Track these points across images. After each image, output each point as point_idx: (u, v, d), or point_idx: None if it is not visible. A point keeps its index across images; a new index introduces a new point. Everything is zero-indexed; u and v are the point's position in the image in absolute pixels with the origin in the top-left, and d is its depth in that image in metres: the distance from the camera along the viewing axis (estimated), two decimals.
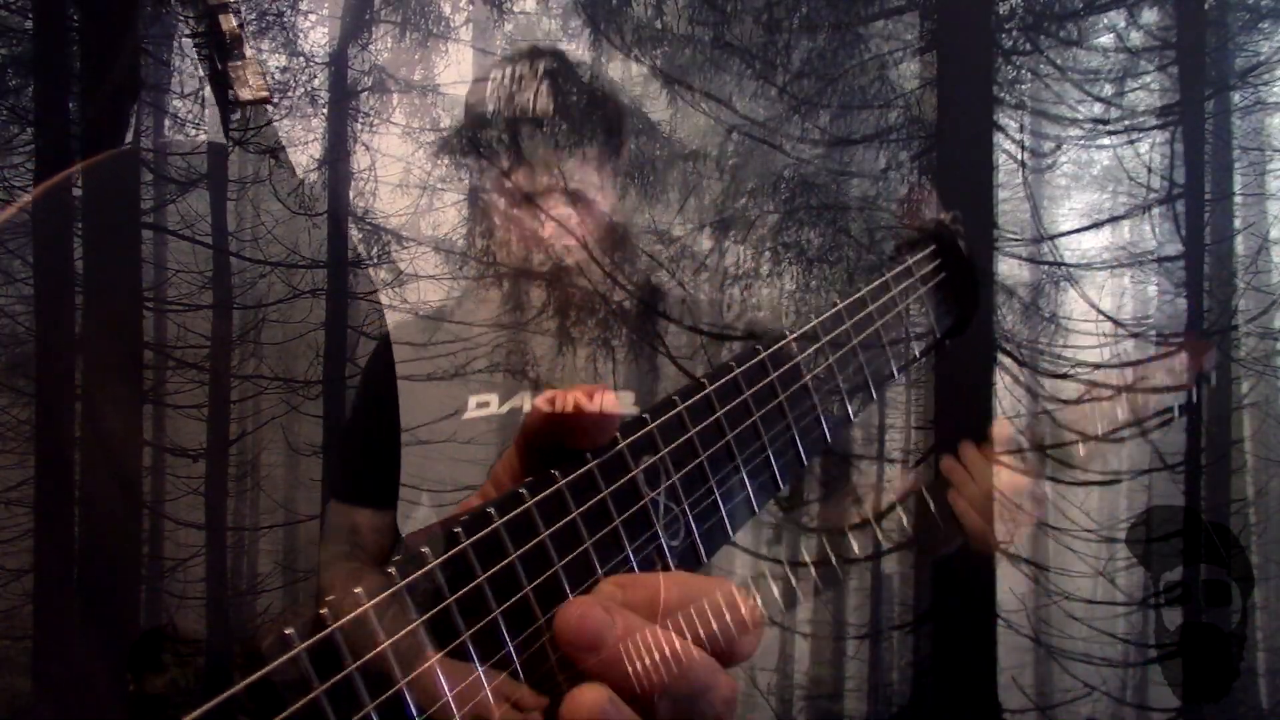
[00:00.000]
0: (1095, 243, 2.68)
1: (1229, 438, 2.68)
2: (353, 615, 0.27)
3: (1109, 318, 2.45)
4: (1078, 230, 2.68)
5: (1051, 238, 2.59)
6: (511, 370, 0.94)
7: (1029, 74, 2.54)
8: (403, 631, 0.28)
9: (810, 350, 0.44)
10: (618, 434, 0.35)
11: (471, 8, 2.85)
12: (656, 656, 0.30)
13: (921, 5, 2.48)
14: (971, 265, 0.59)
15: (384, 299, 2.44)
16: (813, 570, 0.57)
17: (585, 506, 0.33)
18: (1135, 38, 2.60)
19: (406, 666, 0.27)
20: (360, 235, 2.49)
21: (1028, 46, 2.51)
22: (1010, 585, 2.41)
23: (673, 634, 0.31)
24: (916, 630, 2.45)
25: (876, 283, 0.53)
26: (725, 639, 0.33)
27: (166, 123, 2.29)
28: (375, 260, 2.47)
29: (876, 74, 2.50)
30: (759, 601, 0.34)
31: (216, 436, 2.34)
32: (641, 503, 0.35)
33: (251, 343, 2.39)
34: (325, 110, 2.46)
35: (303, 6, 2.42)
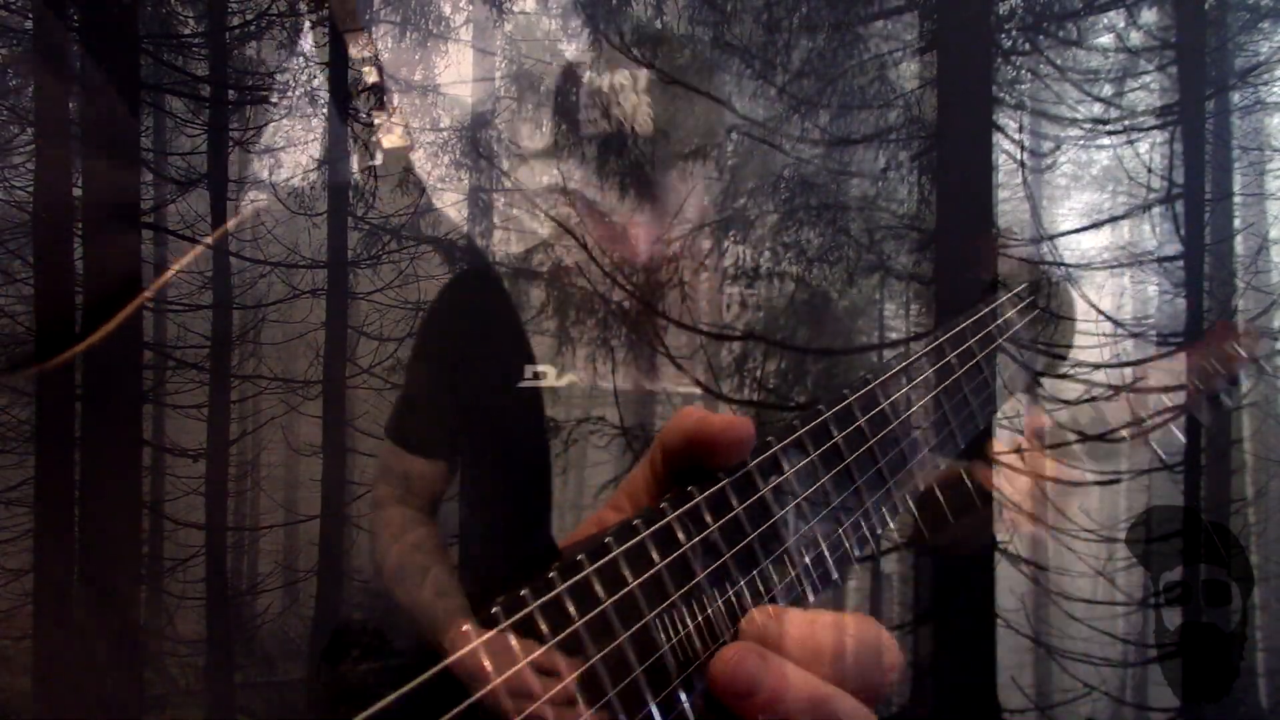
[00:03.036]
0: (1095, 243, 2.68)
1: (1229, 438, 2.68)
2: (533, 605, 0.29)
3: (1109, 318, 2.45)
4: (1078, 230, 2.68)
5: (1051, 237, 2.59)
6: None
7: (1029, 74, 2.54)
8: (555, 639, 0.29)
9: (918, 379, 0.46)
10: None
11: (471, 8, 2.85)
12: (806, 703, 0.30)
13: (921, 5, 2.48)
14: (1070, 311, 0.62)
15: (383, 299, 2.44)
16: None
17: (722, 521, 0.34)
18: (1135, 38, 2.60)
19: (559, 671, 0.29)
20: (360, 235, 2.49)
21: (1027, 46, 2.51)
22: (1010, 585, 2.41)
23: (828, 686, 0.31)
24: (916, 630, 2.45)
25: (981, 313, 0.55)
26: (871, 681, 0.33)
27: (167, 123, 2.29)
28: (376, 260, 2.47)
29: (876, 74, 2.50)
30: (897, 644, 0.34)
31: (216, 436, 2.34)
32: (772, 520, 0.36)
33: (251, 343, 2.39)
34: (325, 110, 2.46)
35: (302, 6, 2.42)
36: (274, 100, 2.31)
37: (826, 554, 0.38)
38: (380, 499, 0.99)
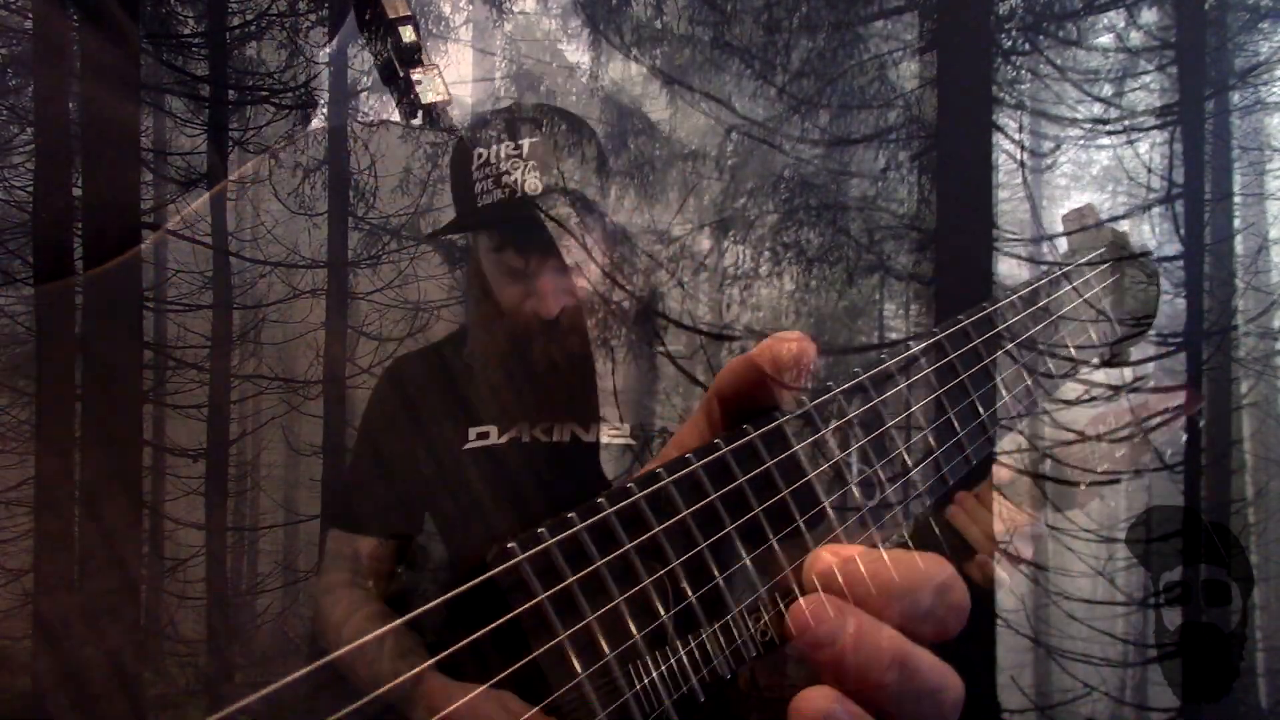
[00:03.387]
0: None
1: (1229, 438, 2.68)
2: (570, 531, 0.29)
3: (1109, 318, 2.45)
4: (1078, 230, 2.67)
5: (1051, 237, 2.59)
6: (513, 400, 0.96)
7: (1029, 74, 2.54)
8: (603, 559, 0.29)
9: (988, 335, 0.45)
10: (804, 397, 0.35)
11: (471, 8, 2.85)
12: (887, 659, 0.30)
13: (921, 5, 2.48)
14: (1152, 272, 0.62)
15: (383, 299, 2.44)
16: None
17: (778, 458, 0.34)
18: (1135, 38, 2.60)
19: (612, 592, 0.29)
20: (360, 235, 2.50)
21: (1027, 46, 2.51)
22: (1010, 585, 2.41)
23: (908, 642, 0.31)
24: None
25: (1061, 272, 0.55)
26: (942, 623, 0.32)
27: (167, 123, 2.30)
28: (376, 260, 2.47)
29: (876, 74, 2.50)
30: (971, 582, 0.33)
31: (216, 436, 2.34)
32: (835, 460, 0.35)
33: (251, 343, 2.39)
34: (325, 110, 2.46)
35: (302, 6, 2.42)
36: (274, 100, 2.31)
37: (894, 500, 0.37)
38: (329, 585, 0.98)
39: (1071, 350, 0.52)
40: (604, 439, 0.95)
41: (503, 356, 0.97)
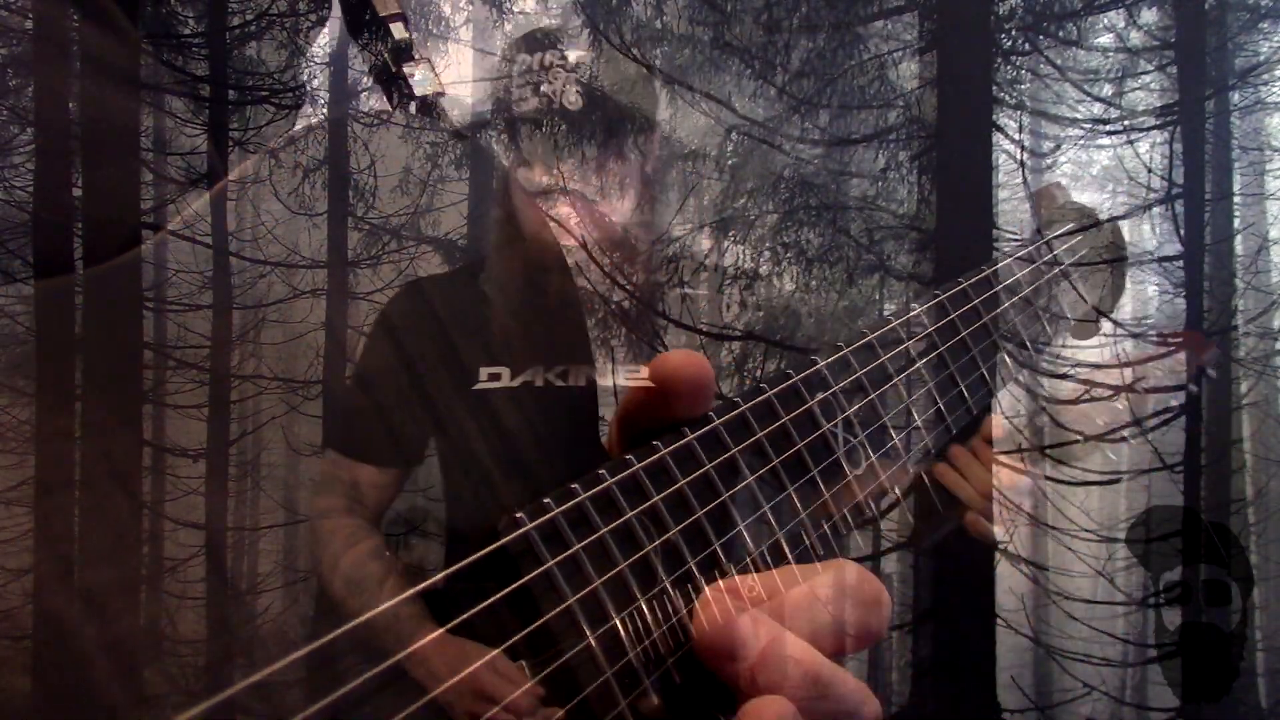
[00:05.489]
0: (1095, 243, 2.67)
1: (1229, 438, 2.68)
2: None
3: (1108, 318, 2.45)
4: (1078, 230, 2.67)
5: (1051, 237, 2.59)
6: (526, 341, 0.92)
7: (1029, 74, 2.54)
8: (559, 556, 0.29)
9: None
10: (711, 414, 0.35)
11: (471, 8, 2.85)
12: (805, 677, 0.29)
13: (921, 5, 2.48)
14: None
15: (383, 299, 2.44)
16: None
17: (691, 477, 0.33)
18: (1135, 38, 2.60)
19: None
20: (360, 235, 2.49)
21: (1027, 46, 2.51)
22: (1010, 585, 2.41)
23: (827, 662, 0.29)
24: (916, 630, 2.45)
25: (1030, 248, 0.57)
26: (856, 623, 0.31)
27: (167, 123, 2.29)
28: (376, 260, 2.47)
29: (876, 74, 2.50)
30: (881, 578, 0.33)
31: (216, 436, 2.34)
32: (746, 482, 0.35)
33: (251, 343, 2.38)
34: (325, 110, 2.46)
35: (301, 7, 2.42)
36: (274, 100, 2.31)
37: (809, 525, 0.36)
38: (325, 509, 0.96)
39: (1049, 321, 0.54)
40: (622, 382, 0.92)
41: (520, 284, 0.93)
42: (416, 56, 0.66)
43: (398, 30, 0.66)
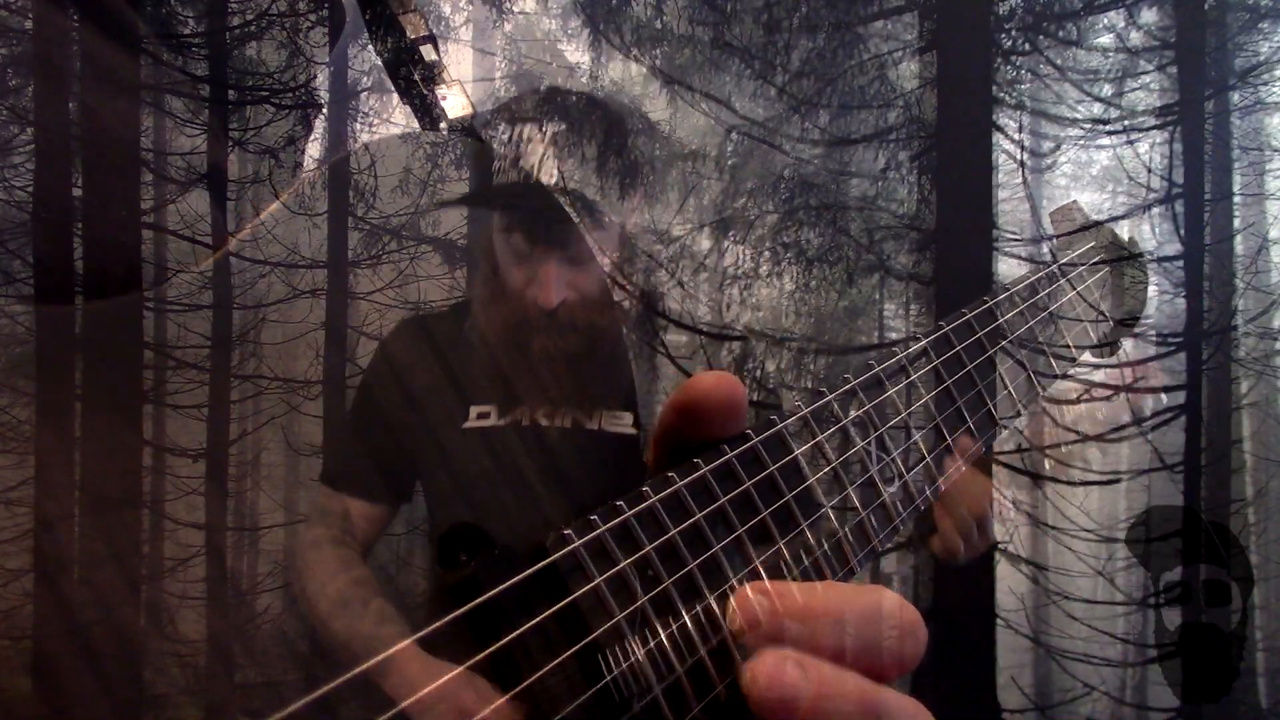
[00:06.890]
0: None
1: (1229, 438, 2.68)
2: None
3: (1108, 318, 2.44)
4: (1077, 230, 2.67)
5: (1051, 237, 2.59)
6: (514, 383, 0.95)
7: (1029, 74, 2.54)
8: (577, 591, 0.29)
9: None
10: (749, 430, 0.35)
11: (471, 8, 2.85)
12: (856, 710, 0.29)
13: (921, 5, 2.48)
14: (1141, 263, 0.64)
15: (383, 299, 2.44)
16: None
17: (732, 494, 0.34)
18: (1135, 38, 2.60)
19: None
20: (360, 235, 2.50)
21: (1027, 46, 2.51)
22: (1010, 585, 2.41)
23: (875, 685, 0.30)
24: None
25: (1045, 271, 0.57)
26: (893, 652, 0.31)
27: (168, 123, 2.30)
28: (376, 260, 2.47)
29: (876, 74, 2.50)
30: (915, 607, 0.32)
31: (216, 436, 2.34)
32: (784, 500, 0.35)
33: (251, 343, 2.39)
34: (325, 110, 2.46)
35: (302, 6, 2.42)
36: (274, 100, 2.31)
37: (847, 541, 0.37)
38: (315, 540, 0.97)
39: (1070, 347, 0.54)
40: (606, 427, 0.95)
41: (501, 337, 0.96)
42: (447, 80, 0.67)
43: (428, 53, 0.66)
